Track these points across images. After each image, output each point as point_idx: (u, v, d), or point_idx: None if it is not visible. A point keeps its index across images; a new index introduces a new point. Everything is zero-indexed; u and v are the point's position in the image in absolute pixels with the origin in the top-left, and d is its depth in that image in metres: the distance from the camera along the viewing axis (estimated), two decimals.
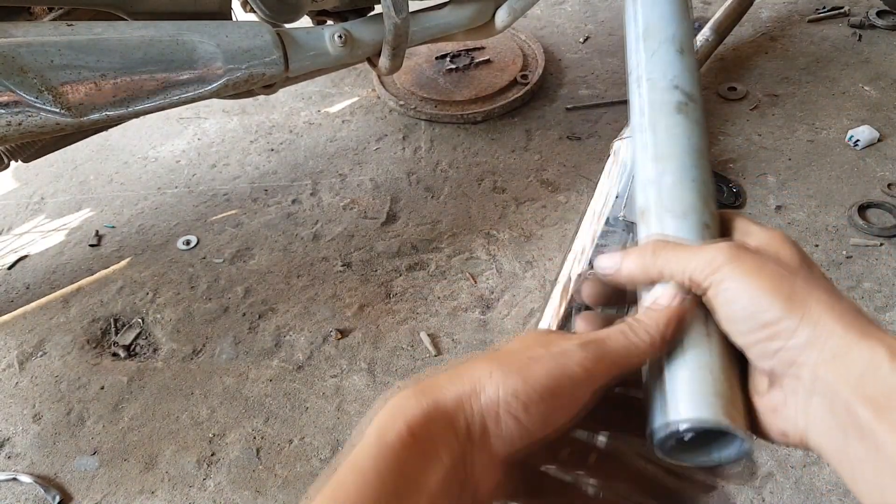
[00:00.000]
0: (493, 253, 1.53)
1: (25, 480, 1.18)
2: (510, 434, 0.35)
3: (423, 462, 0.33)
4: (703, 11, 2.31)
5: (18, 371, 1.37)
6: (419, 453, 0.33)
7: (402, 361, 1.32)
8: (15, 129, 0.90)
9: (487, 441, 0.35)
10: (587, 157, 1.77)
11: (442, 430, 0.35)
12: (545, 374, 0.36)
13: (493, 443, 0.35)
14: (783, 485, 1.08)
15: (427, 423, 0.34)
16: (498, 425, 0.35)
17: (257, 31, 1.06)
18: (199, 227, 1.68)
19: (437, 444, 0.34)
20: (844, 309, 0.35)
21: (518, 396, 0.35)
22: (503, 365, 0.36)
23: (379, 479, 0.32)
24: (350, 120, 2.00)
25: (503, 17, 1.39)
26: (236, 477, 1.16)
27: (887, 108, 1.82)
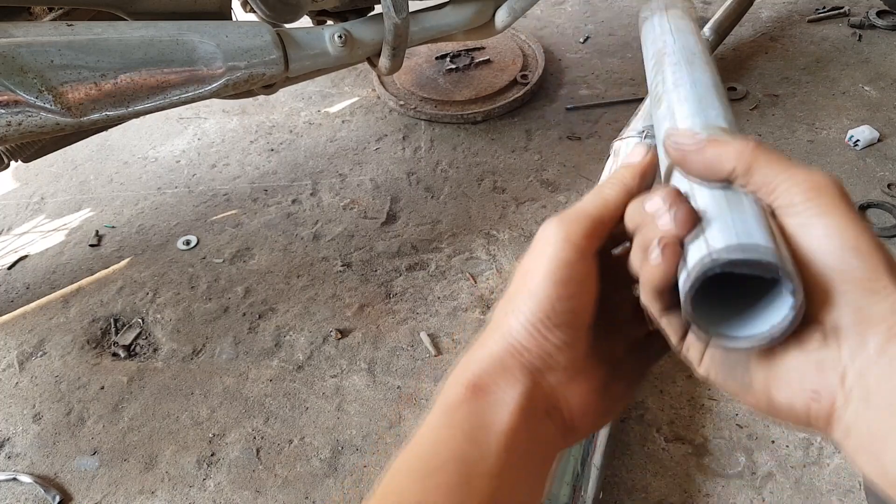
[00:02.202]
0: (493, 253, 1.53)
1: (25, 480, 1.18)
2: (558, 341, 0.39)
3: (485, 408, 0.38)
4: (703, 11, 2.31)
5: (18, 371, 1.37)
6: (481, 402, 0.38)
7: (402, 361, 1.32)
8: (15, 129, 0.90)
9: (550, 360, 0.39)
10: (587, 157, 1.77)
11: (499, 376, 0.39)
12: (543, 277, 0.38)
13: (554, 357, 0.39)
14: (783, 485, 1.08)
15: (481, 376, 0.39)
16: (547, 341, 0.39)
17: (257, 31, 1.06)
18: (199, 227, 1.68)
19: (497, 389, 0.38)
20: None
21: (538, 311, 0.38)
22: (514, 299, 0.40)
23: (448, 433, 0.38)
24: (350, 120, 2.00)
25: (503, 17, 1.39)
26: (236, 477, 1.16)
27: (887, 108, 1.82)
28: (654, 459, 1.13)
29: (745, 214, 0.34)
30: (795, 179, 0.34)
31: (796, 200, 0.33)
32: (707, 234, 0.33)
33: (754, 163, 0.35)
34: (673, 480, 1.10)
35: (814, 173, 0.34)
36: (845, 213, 0.33)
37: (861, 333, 0.31)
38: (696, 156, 0.37)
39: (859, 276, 0.32)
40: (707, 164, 0.37)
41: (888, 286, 0.31)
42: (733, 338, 0.34)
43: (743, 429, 1.16)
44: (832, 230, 0.32)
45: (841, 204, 0.33)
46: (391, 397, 1.26)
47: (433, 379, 1.28)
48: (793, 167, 0.35)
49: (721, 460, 1.12)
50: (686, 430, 1.16)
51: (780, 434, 1.14)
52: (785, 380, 0.34)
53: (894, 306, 0.31)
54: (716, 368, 0.38)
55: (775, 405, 0.34)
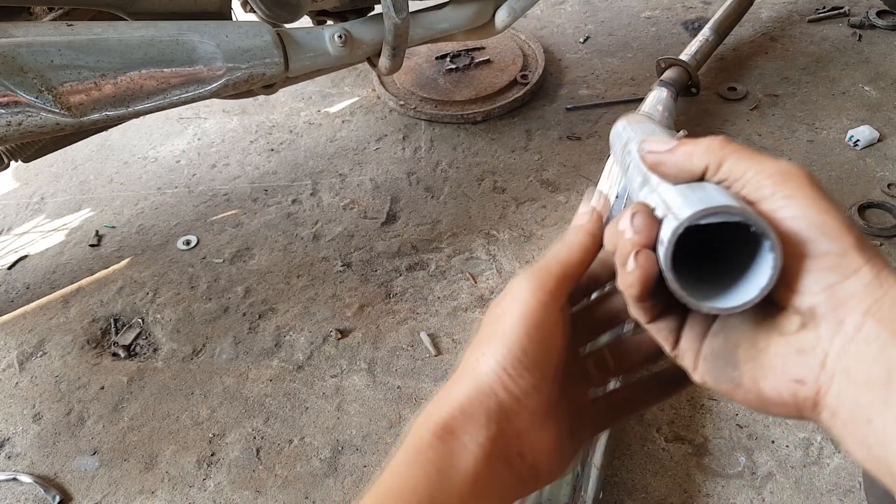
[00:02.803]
0: (493, 253, 1.53)
1: (25, 480, 1.18)
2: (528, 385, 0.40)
3: (451, 452, 0.38)
4: (703, 11, 2.31)
5: (18, 371, 1.37)
6: (447, 446, 0.38)
7: (402, 361, 1.32)
8: (15, 129, 0.90)
9: (518, 404, 0.40)
10: (587, 157, 1.77)
11: (466, 421, 0.39)
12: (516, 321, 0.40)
13: (523, 402, 0.40)
14: (783, 485, 1.08)
15: (448, 420, 0.39)
16: (515, 385, 0.39)
17: (257, 31, 1.06)
18: (199, 227, 1.68)
19: (462, 436, 0.39)
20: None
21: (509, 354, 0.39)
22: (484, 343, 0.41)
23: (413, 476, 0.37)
24: (350, 120, 2.00)
25: (503, 17, 1.39)
26: (236, 477, 1.16)
27: (887, 108, 1.82)
28: (654, 459, 1.13)
29: (707, 191, 0.35)
30: (764, 168, 0.35)
31: (765, 188, 0.34)
32: (674, 212, 0.35)
33: (724, 158, 0.36)
34: (673, 480, 1.10)
35: (781, 162, 0.35)
36: (813, 196, 0.33)
37: (837, 314, 0.32)
38: (668, 157, 0.38)
39: (830, 255, 0.32)
40: (679, 164, 0.38)
41: (859, 264, 0.31)
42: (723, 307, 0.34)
43: (743, 429, 1.16)
44: (800, 212, 0.33)
45: (808, 188, 0.33)
46: (391, 397, 1.26)
47: (433, 379, 1.28)
48: (761, 158, 0.35)
49: (721, 460, 1.12)
50: (686, 430, 1.16)
51: (780, 434, 1.14)
52: (770, 370, 0.34)
53: (867, 283, 0.31)
54: (709, 371, 0.38)
55: (765, 398, 0.35)
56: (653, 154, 0.40)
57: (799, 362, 0.33)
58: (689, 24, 2.27)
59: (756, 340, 0.35)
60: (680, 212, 0.34)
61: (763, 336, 0.35)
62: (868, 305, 0.31)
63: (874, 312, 0.30)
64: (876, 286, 0.31)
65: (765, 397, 0.34)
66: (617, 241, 0.38)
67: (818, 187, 0.34)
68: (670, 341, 0.40)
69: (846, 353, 0.31)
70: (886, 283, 0.31)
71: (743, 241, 0.35)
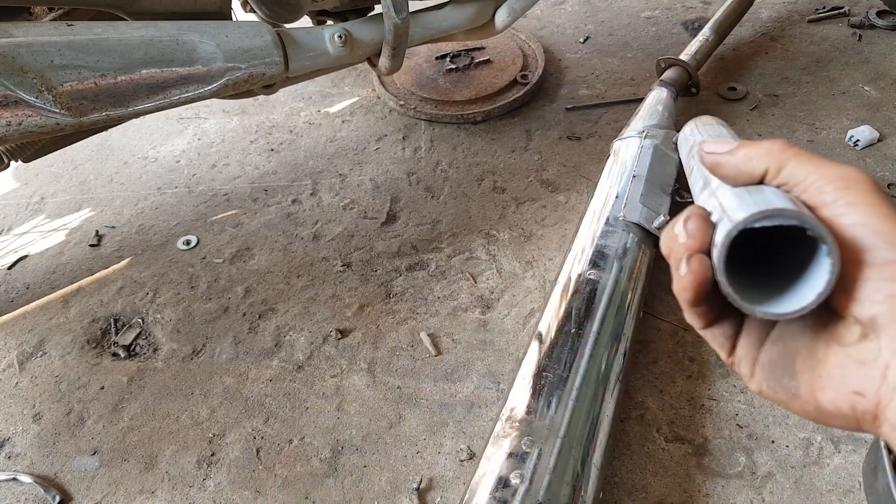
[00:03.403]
0: (493, 253, 1.53)
1: (25, 480, 1.18)
2: None
3: None
4: (703, 11, 2.31)
5: (18, 371, 1.37)
6: None
7: (402, 361, 1.32)
8: (15, 129, 0.90)
9: None
10: (587, 157, 1.77)
11: None
12: None
13: None
14: (783, 485, 1.08)
15: None
16: None
17: (257, 31, 1.06)
18: (199, 227, 1.68)
19: None
20: None
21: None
22: None
23: None
24: (350, 120, 2.00)
25: (503, 17, 1.39)
26: (236, 477, 1.16)
27: (887, 108, 1.82)
28: (654, 459, 1.13)
29: (764, 194, 0.35)
30: (825, 174, 0.34)
31: (827, 193, 0.33)
32: (729, 214, 0.34)
33: (785, 161, 0.35)
34: (673, 480, 1.10)
35: (844, 167, 0.34)
36: (876, 203, 0.32)
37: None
38: (727, 158, 0.38)
39: (892, 264, 0.31)
40: (738, 166, 0.37)
41: None
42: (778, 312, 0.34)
43: (743, 429, 1.16)
44: (862, 219, 0.32)
45: (871, 195, 0.32)
46: (391, 397, 1.26)
47: (433, 379, 1.28)
48: (823, 163, 0.35)
49: (721, 460, 1.12)
50: (686, 430, 1.16)
51: (780, 434, 1.14)
52: (828, 381, 0.33)
53: None
54: (766, 380, 0.37)
55: (822, 409, 0.34)
56: (712, 155, 0.39)
57: (859, 373, 0.32)
58: (689, 24, 2.27)
59: (815, 350, 0.34)
60: (734, 214, 0.34)
61: (822, 346, 0.34)
62: None
63: None
64: None
65: (823, 409, 0.34)
66: (672, 246, 0.37)
67: (882, 194, 0.33)
68: (726, 348, 0.39)
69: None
70: None
71: (801, 246, 0.34)
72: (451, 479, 1.13)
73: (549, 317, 1.14)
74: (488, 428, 1.06)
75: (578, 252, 1.26)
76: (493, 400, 1.24)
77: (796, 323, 0.36)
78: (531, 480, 0.89)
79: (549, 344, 1.08)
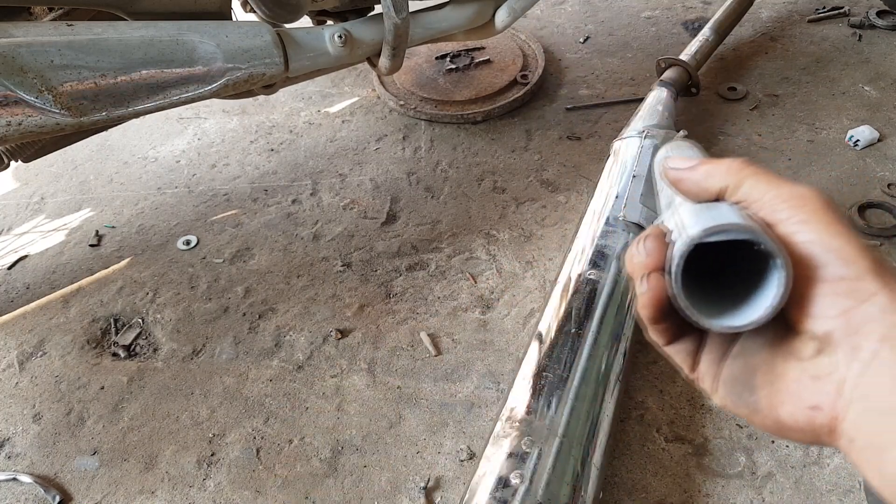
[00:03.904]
0: (493, 253, 1.53)
1: (25, 480, 1.18)
2: None
3: None
4: (703, 11, 2.31)
5: (18, 371, 1.37)
6: None
7: (402, 361, 1.32)
8: (15, 129, 0.90)
9: None
10: (587, 157, 1.77)
11: None
12: None
13: None
14: (783, 485, 1.08)
15: None
16: None
17: (257, 31, 1.06)
18: (199, 227, 1.68)
19: None
20: None
21: None
22: None
23: None
24: (350, 120, 2.00)
25: (503, 17, 1.39)
26: (236, 477, 1.16)
27: (887, 108, 1.82)
28: (654, 459, 1.13)
29: (720, 210, 0.36)
30: (781, 193, 0.35)
31: (782, 211, 0.34)
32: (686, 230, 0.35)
33: (743, 180, 0.37)
34: (673, 480, 1.10)
35: (799, 187, 0.35)
36: (829, 220, 0.33)
37: (853, 339, 0.31)
38: (689, 174, 0.39)
39: (845, 280, 0.32)
40: (698, 182, 0.39)
41: (875, 288, 0.31)
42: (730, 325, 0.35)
43: (743, 429, 1.16)
44: (815, 237, 0.33)
45: (824, 213, 0.34)
46: (391, 397, 1.26)
47: (433, 379, 1.28)
48: (780, 182, 0.36)
49: (721, 460, 1.12)
50: (686, 430, 1.16)
51: None
52: (787, 396, 0.34)
53: (883, 308, 0.31)
54: (728, 395, 0.38)
55: (782, 423, 0.34)
56: (674, 171, 0.40)
57: (815, 388, 0.32)
58: (689, 24, 2.27)
59: (773, 365, 0.35)
60: (690, 230, 0.35)
61: (780, 361, 0.35)
62: (884, 331, 0.30)
63: (890, 338, 0.30)
64: (892, 311, 0.31)
65: (782, 423, 0.34)
66: (631, 265, 0.38)
67: (835, 212, 0.34)
68: (689, 364, 0.40)
69: (863, 381, 0.31)
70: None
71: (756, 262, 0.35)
72: (451, 479, 1.13)
73: (549, 317, 1.14)
74: (488, 428, 1.06)
75: (578, 252, 1.26)
76: (493, 400, 1.24)
77: (756, 339, 0.37)
78: (531, 480, 0.89)
79: (549, 344, 1.08)
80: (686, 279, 0.35)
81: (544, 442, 0.94)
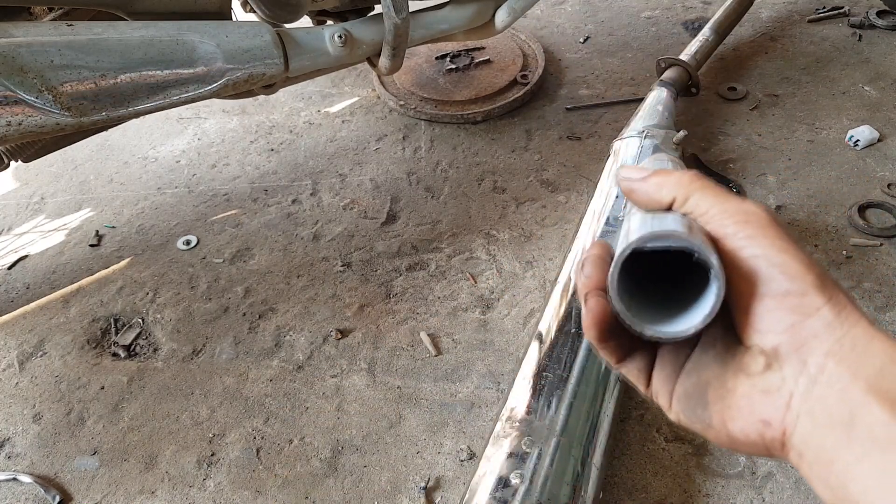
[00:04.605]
0: (493, 253, 1.53)
1: (25, 480, 1.18)
2: None
3: None
4: (703, 11, 2.31)
5: (18, 371, 1.37)
6: None
7: (402, 361, 1.32)
8: (15, 129, 0.90)
9: None
10: (587, 157, 1.77)
11: None
12: None
13: None
14: (783, 485, 1.08)
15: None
16: None
17: (257, 31, 1.06)
18: (199, 227, 1.68)
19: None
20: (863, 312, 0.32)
21: None
22: None
23: None
24: (350, 120, 2.00)
25: (503, 17, 1.39)
26: (236, 477, 1.16)
27: (887, 108, 1.82)
28: (654, 459, 1.13)
29: (666, 219, 0.36)
30: (727, 208, 0.36)
31: (728, 227, 0.35)
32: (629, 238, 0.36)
33: (691, 192, 0.37)
34: (673, 480, 1.10)
35: (745, 203, 0.36)
36: (774, 236, 0.34)
37: (800, 354, 0.32)
38: (640, 185, 0.40)
39: (790, 295, 0.32)
40: (649, 192, 0.40)
41: (820, 303, 0.32)
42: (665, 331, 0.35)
43: None
44: (760, 252, 0.34)
45: (769, 228, 0.34)
46: (391, 397, 1.26)
47: (433, 379, 1.28)
48: (727, 197, 0.37)
49: (721, 460, 1.12)
50: (686, 431, 1.16)
51: None
52: (737, 411, 0.34)
53: (828, 323, 0.31)
54: (682, 411, 0.38)
55: (734, 438, 0.35)
56: (627, 181, 0.41)
57: (764, 403, 0.33)
58: (689, 24, 2.27)
59: (724, 380, 0.35)
60: (631, 236, 0.35)
61: (731, 376, 0.35)
62: (829, 346, 0.31)
63: (835, 353, 0.31)
64: (837, 326, 0.31)
65: (734, 438, 0.35)
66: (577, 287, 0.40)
67: (780, 227, 0.34)
68: (642, 381, 0.40)
69: (810, 395, 0.31)
70: (847, 323, 0.31)
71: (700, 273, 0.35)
72: (451, 479, 1.13)
73: (549, 317, 1.14)
74: (488, 428, 1.06)
75: (578, 252, 1.26)
76: (493, 400, 1.24)
77: (707, 354, 0.37)
78: (531, 480, 0.89)
79: (549, 344, 1.08)
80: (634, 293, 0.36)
81: (544, 442, 0.94)
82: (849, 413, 0.30)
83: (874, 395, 0.29)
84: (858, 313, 0.32)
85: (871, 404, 0.29)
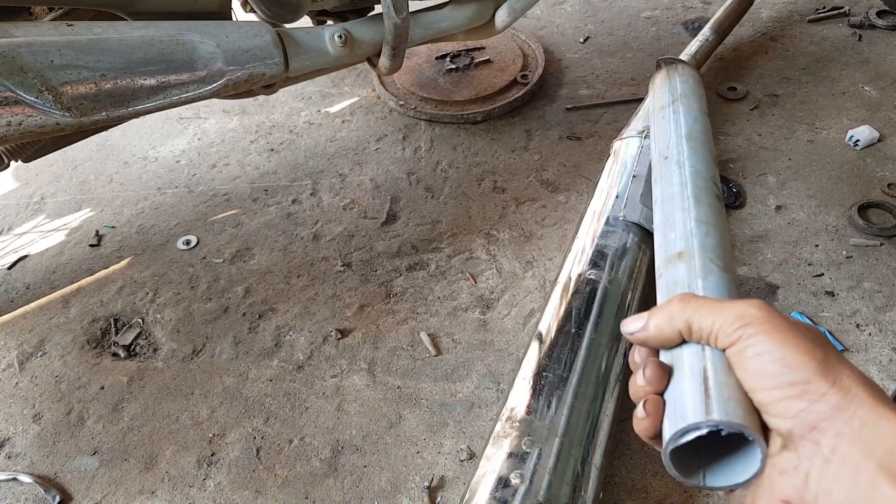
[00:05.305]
0: (493, 253, 1.53)
1: (25, 480, 1.18)
2: None
3: None
4: (703, 11, 2.31)
5: (18, 371, 1.37)
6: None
7: (402, 361, 1.32)
8: (15, 129, 0.90)
9: None
10: (587, 157, 1.77)
11: None
12: None
13: None
14: None
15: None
16: None
17: (257, 31, 1.06)
18: (199, 227, 1.68)
19: None
20: (873, 385, 0.35)
21: None
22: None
23: None
24: (350, 120, 2.00)
25: (503, 17, 1.39)
26: (236, 477, 1.16)
27: (887, 108, 1.82)
28: (654, 459, 1.13)
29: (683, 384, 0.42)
30: (726, 317, 0.39)
31: (732, 335, 0.39)
32: (665, 420, 0.42)
33: (690, 318, 0.42)
34: (673, 480, 1.10)
35: (739, 306, 0.39)
36: (772, 331, 0.37)
37: (812, 437, 0.35)
38: (645, 336, 0.45)
39: (796, 384, 0.35)
40: (656, 339, 0.44)
41: (825, 388, 0.35)
42: (713, 486, 0.41)
43: None
44: (762, 348, 0.37)
45: (767, 324, 0.38)
46: (391, 397, 1.26)
47: (433, 379, 1.28)
48: (722, 307, 0.40)
49: None
50: None
51: None
52: (762, 490, 0.38)
53: (835, 406, 0.34)
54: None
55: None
56: (633, 336, 0.45)
57: (783, 482, 0.36)
58: (689, 24, 2.27)
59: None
60: (666, 433, 0.41)
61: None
62: (839, 428, 0.34)
63: (845, 434, 0.33)
64: (844, 408, 0.34)
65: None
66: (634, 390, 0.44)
67: (776, 320, 0.38)
68: None
69: (826, 475, 0.34)
70: (854, 404, 0.34)
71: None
72: (451, 479, 1.13)
73: (549, 317, 1.14)
74: (488, 428, 1.06)
75: (578, 252, 1.25)
76: (493, 400, 1.24)
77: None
78: (531, 480, 0.89)
79: (549, 344, 1.08)
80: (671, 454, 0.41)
81: (544, 442, 0.94)
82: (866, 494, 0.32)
83: (884, 475, 0.31)
84: (864, 392, 0.34)
85: (882, 485, 0.31)
